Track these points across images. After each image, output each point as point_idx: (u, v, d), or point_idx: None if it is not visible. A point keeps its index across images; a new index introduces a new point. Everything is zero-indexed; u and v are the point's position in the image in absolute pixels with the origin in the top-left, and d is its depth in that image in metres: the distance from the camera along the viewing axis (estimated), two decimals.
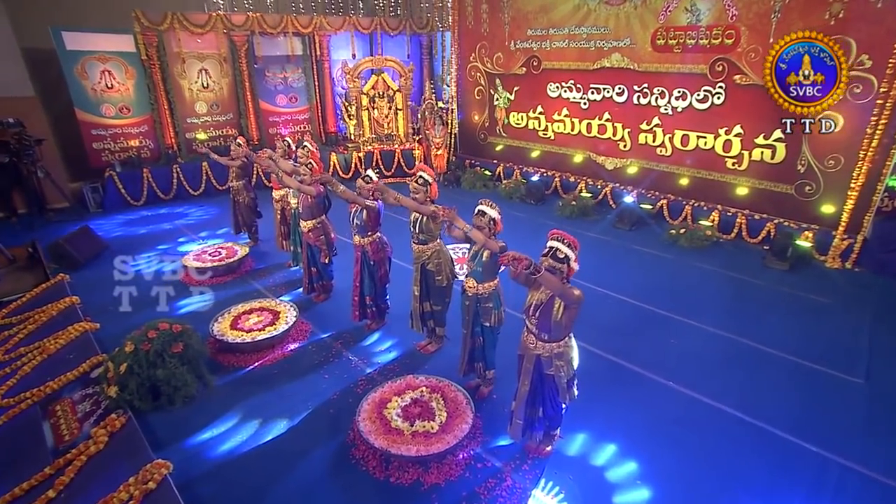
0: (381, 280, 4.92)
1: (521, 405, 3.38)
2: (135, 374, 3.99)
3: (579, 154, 9.38)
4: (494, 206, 3.74)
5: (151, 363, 4.06)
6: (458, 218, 3.63)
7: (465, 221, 3.70)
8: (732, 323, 5.21)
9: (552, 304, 3.07)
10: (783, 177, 7.10)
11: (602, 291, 5.79)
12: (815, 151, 6.75)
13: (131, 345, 4.11)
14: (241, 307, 5.25)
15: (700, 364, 4.60)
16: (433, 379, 4.06)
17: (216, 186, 9.77)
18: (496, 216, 3.72)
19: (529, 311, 3.19)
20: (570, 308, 3.04)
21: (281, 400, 4.17)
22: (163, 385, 4.06)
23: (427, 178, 4.25)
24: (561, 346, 3.18)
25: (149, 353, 4.07)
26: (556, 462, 3.53)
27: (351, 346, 4.92)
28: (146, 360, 4.04)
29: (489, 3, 9.90)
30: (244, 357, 4.69)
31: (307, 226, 5.38)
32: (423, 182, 4.25)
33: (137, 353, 4.06)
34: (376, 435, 3.49)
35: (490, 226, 3.68)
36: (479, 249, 3.80)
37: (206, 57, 9.68)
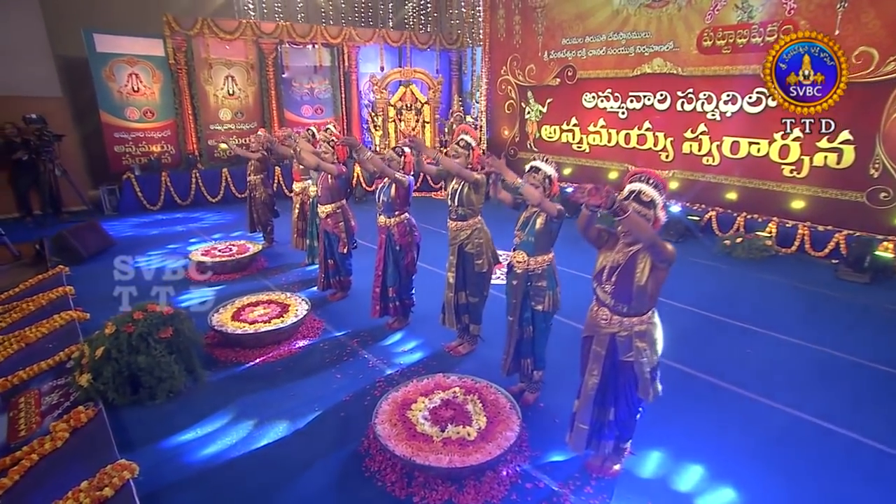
0: (407, 269, 4.22)
1: (587, 404, 2.57)
2: (112, 359, 3.31)
3: (616, 168, 8.72)
4: (550, 161, 3.08)
5: (133, 348, 3.38)
6: (507, 170, 2.94)
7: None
8: (814, 333, 4.34)
9: (634, 265, 2.34)
10: (852, 183, 6.29)
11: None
12: (891, 153, 5.96)
13: (112, 326, 3.46)
14: (245, 299, 4.58)
15: (788, 376, 3.73)
16: (468, 379, 3.28)
17: (235, 194, 9.33)
18: (552, 173, 3.05)
19: (602, 275, 2.44)
20: (660, 268, 2.30)
21: (283, 400, 3.42)
22: (144, 375, 3.36)
23: (469, 142, 3.63)
24: (644, 323, 2.42)
25: (131, 336, 3.40)
26: (628, 485, 2.69)
27: (369, 345, 4.18)
28: (127, 345, 3.37)
29: (522, 15, 9.56)
30: (244, 353, 3.99)
31: (326, 210, 4.76)
32: (465, 145, 3.63)
33: (118, 335, 3.40)
34: (397, 440, 2.71)
35: (545, 185, 3.00)
36: (530, 215, 3.11)
37: (233, 64, 9.46)
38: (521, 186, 2.93)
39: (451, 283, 3.84)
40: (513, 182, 2.95)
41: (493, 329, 4.01)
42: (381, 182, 4.18)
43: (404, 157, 4.05)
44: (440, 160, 3.57)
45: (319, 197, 4.82)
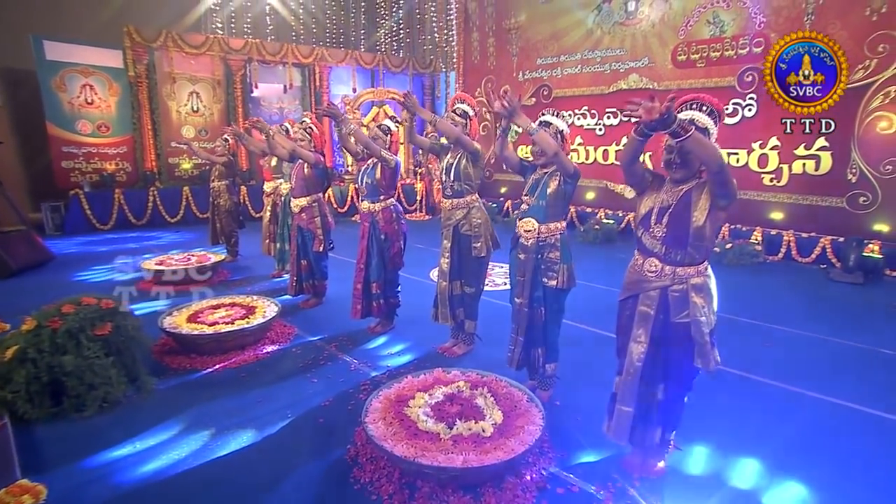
0: (392, 261, 3.73)
1: (632, 380, 2.10)
2: (28, 361, 2.63)
3: (594, 185, 8.59)
4: (562, 116, 2.73)
5: (59, 347, 2.71)
6: (522, 113, 2.56)
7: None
8: (825, 327, 4.06)
9: (689, 204, 1.96)
10: (832, 189, 6.27)
11: None
12: (867, 158, 5.99)
13: (32, 321, 2.79)
14: (205, 302, 3.94)
15: (812, 367, 3.38)
16: (472, 373, 2.75)
17: (196, 213, 8.66)
18: (565, 128, 2.70)
19: (650, 219, 2.05)
20: (720, 206, 1.92)
21: (247, 407, 2.79)
22: (70, 381, 2.68)
23: (467, 110, 3.26)
24: (700, 275, 2.02)
25: (56, 333, 2.73)
26: (679, 484, 2.20)
27: (349, 349, 3.60)
28: (51, 343, 2.70)
29: (496, 37, 9.60)
30: (202, 359, 3.34)
31: (300, 203, 4.25)
32: (463, 114, 3.25)
33: (40, 332, 2.73)
34: (395, 440, 2.14)
35: (557, 141, 2.63)
36: (541, 177, 2.73)
37: (198, 80, 9.01)
38: (535, 132, 2.55)
39: (445, 270, 3.37)
40: (527, 127, 2.57)
41: (488, 328, 3.55)
42: (364, 164, 3.75)
43: (391, 135, 3.66)
44: (437, 123, 3.18)
45: (293, 189, 4.32)
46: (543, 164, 2.74)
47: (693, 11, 7.02)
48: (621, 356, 2.22)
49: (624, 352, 2.19)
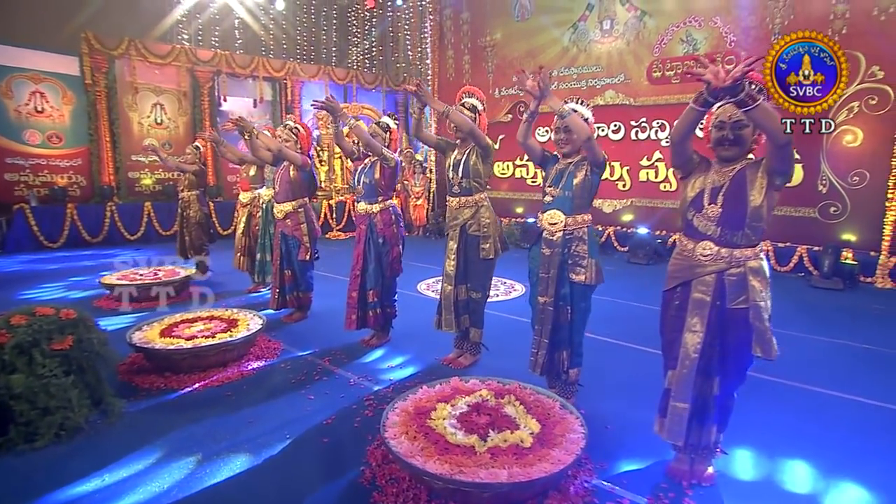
0: (391, 267, 3.45)
1: (688, 373, 1.92)
2: None
3: None
4: (585, 103, 2.60)
5: (6, 365, 2.28)
6: (553, 95, 2.40)
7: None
8: (826, 329, 4.05)
9: (744, 183, 1.84)
10: (804, 200, 6.45)
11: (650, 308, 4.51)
12: (835, 170, 6.21)
13: None
14: (179, 316, 3.52)
15: (828, 368, 3.30)
16: (492, 380, 2.49)
17: (159, 231, 8.09)
18: (589, 115, 2.57)
19: (702, 200, 1.91)
20: (776, 185, 1.83)
21: (237, 428, 2.42)
22: (18, 404, 2.25)
23: (476, 105, 3.09)
24: (757, 257, 1.89)
25: (3, 348, 2.31)
26: (734, 491, 2.00)
27: (345, 363, 3.27)
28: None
29: (471, 54, 9.62)
30: (178, 378, 2.93)
31: (284, 209, 3.94)
32: (472, 108, 3.08)
33: None
34: (426, 456, 1.85)
35: None
36: (566, 167, 2.57)
37: (163, 91, 8.55)
38: (568, 115, 2.39)
39: (451, 273, 3.14)
40: (559, 110, 2.41)
41: (493, 337, 3.31)
42: (361, 163, 3.51)
43: (390, 132, 3.45)
44: (451, 113, 2.98)
45: (277, 194, 4.00)
46: (567, 154, 2.57)
47: (667, 30, 7.22)
48: (670, 352, 2.04)
49: (672, 347, 2.02)
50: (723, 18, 6.75)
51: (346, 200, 9.44)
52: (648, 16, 7.39)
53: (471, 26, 9.58)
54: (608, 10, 7.74)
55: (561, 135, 2.56)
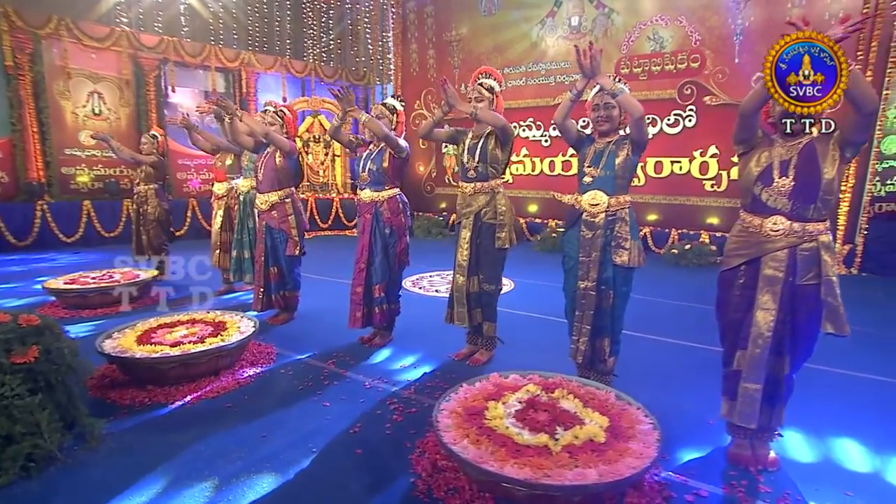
0: (398, 259, 3.20)
1: (760, 353, 1.86)
2: None
3: (541, 196, 8.61)
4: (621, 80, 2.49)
5: None
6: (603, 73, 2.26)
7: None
8: None
9: (813, 157, 1.82)
10: None
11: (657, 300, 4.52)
12: None
13: None
14: (155, 321, 3.08)
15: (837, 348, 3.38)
16: (534, 374, 2.31)
17: (101, 232, 7.30)
18: (627, 92, 2.44)
19: (771, 174, 1.89)
20: (849, 156, 1.81)
21: (251, 445, 2.10)
22: None
23: (493, 85, 2.90)
24: (827, 231, 1.85)
25: None
26: (804, 474, 1.94)
27: (352, 365, 2.97)
28: None
29: (436, 49, 9.44)
30: (164, 391, 2.53)
31: (269, 200, 3.58)
32: (489, 89, 2.89)
33: None
34: (500, 461, 1.64)
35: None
36: (604, 146, 2.46)
37: (101, 78, 7.74)
38: (620, 92, 2.25)
39: (463, 264, 2.93)
40: (611, 88, 2.27)
41: (505, 330, 3.13)
42: (366, 148, 3.24)
43: (397, 114, 3.20)
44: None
45: (260, 184, 3.63)
46: (605, 132, 2.48)
47: (634, 28, 7.37)
48: (735, 332, 1.97)
49: (737, 327, 1.95)
50: (688, 18, 6.96)
51: (308, 199, 8.94)
52: (616, 13, 7.51)
53: (435, 20, 9.41)
54: (576, 6, 7.81)
55: (601, 112, 2.45)
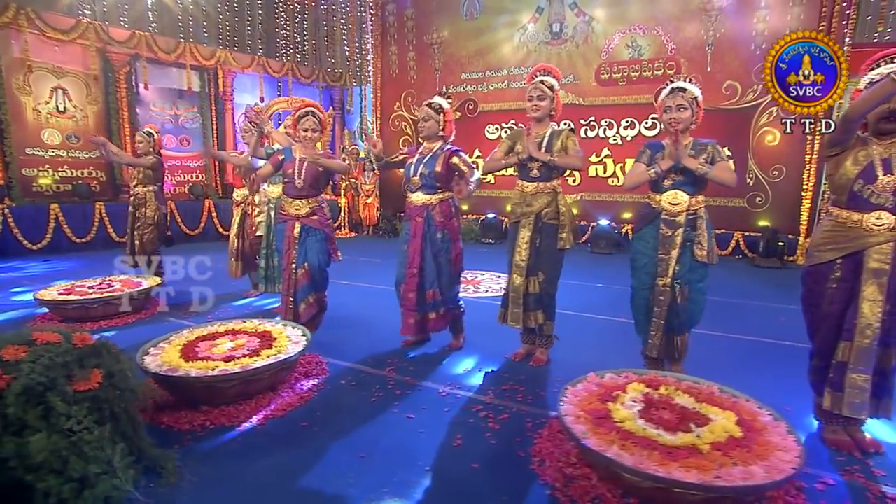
0: (453, 263, 2.96)
1: (870, 344, 1.82)
2: None
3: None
4: (692, 80, 2.42)
5: (10, 423, 1.47)
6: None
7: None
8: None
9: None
10: (735, 191, 7.01)
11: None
12: (760, 164, 6.85)
13: None
14: (189, 332, 2.69)
15: None
16: (628, 372, 2.17)
17: (71, 238, 6.52)
18: (699, 94, 2.41)
19: (874, 171, 1.86)
20: None
21: (357, 469, 1.82)
22: (42, 479, 1.46)
23: (553, 84, 2.75)
24: None
25: (3, 396, 1.48)
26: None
27: (411, 371, 2.72)
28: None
29: (417, 51, 9.18)
30: (223, 412, 2.18)
31: (311, 205, 3.20)
32: (550, 87, 2.76)
33: None
34: (664, 464, 1.50)
35: (693, 107, 2.37)
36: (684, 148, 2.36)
37: (65, 73, 6.92)
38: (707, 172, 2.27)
39: (521, 264, 2.76)
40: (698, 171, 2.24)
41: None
42: (416, 154, 3.02)
43: (444, 113, 2.97)
44: (558, 162, 2.67)
45: (299, 190, 3.20)
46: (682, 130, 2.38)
47: (613, 35, 7.45)
48: (831, 324, 1.94)
49: (836, 319, 1.93)
50: (664, 28, 7.12)
51: None
52: (596, 21, 7.57)
53: (416, 23, 9.14)
54: (558, 13, 7.81)
55: (672, 113, 2.37)
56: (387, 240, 8.57)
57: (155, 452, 1.80)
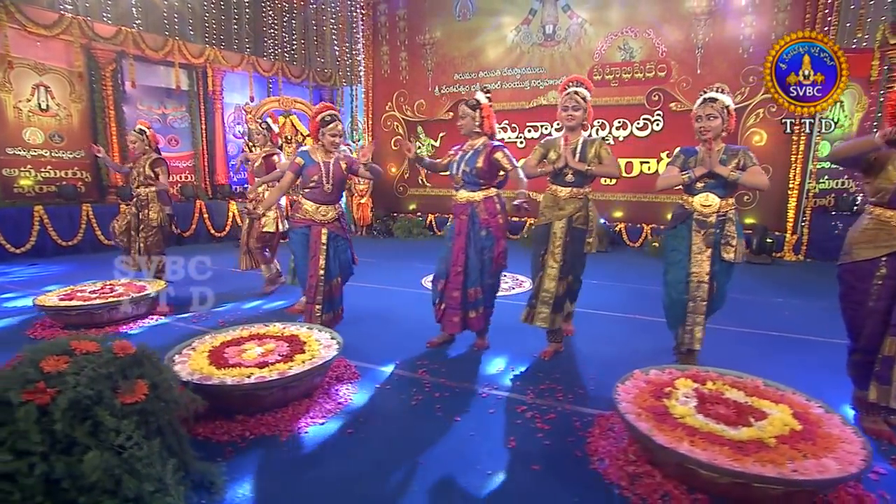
0: (496, 262, 2.88)
1: None
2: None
3: (512, 196, 8.56)
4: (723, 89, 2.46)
5: (58, 440, 1.35)
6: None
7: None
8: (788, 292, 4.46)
9: None
10: None
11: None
12: None
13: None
14: (211, 338, 2.55)
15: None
16: (671, 369, 2.16)
17: (58, 241, 6.20)
18: (731, 103, 2.49)
19: None
20: None
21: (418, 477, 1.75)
22: (95, 500, 1.33)
23: (587, 95, 2.83)
24: None
25: (49, 412, 1.36)
26: None
27: (445, 373, 2.64)
28: (42, 436, 1.32)
29: (409, 51, 9.07)
30: (262, 421, 2.07)
31: (333, 211, 3.07)
32: (584, 98, 2.82)
33: (12, 417, 1.32)
34: (736, 460, 1.48)
35: (724, 116, 2.44)
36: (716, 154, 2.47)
37: (48, 70, 6.57)
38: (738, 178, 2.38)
39: (556, 266, 2.77)
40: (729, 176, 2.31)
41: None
42: (460, 151, 2.96)
43: (480, 109, 2.90)
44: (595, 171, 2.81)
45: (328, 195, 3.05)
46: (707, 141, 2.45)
47: (606, 38, 7.51)
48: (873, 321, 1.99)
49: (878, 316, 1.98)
50: (655, 31, 7.20)
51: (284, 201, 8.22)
52: (588, 24, 7.61)
53: (408, 23, 9.04)
54: (551, 15, 7.82)
55: (703, 122, 2.45)
56: (381, 240, 8.47)
57: (201, 467, 1.69)
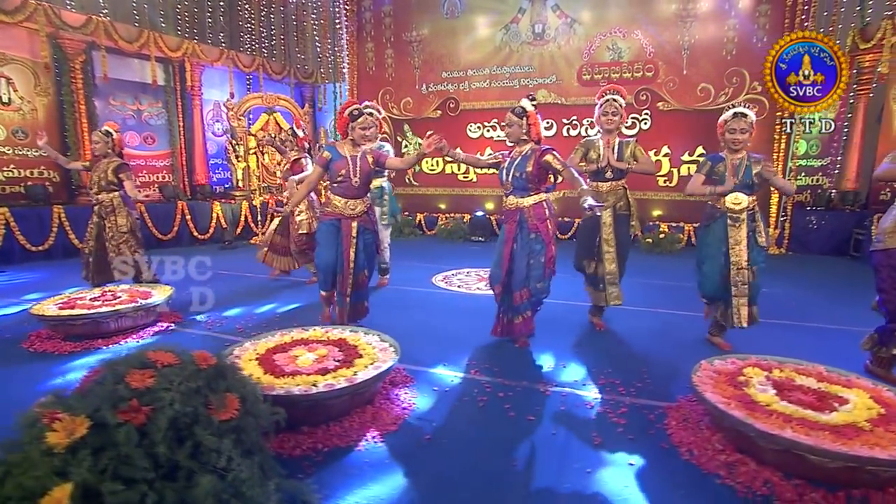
0: (545, 267, 2.81)
1: None
2: None
3: (500, 194, 8.59)
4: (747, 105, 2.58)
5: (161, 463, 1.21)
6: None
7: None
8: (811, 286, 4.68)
9: None
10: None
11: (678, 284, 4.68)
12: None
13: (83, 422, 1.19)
14: (251, 344, 2.39)
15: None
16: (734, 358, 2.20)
17: (26, 246, 5.72)
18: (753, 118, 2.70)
19: None
20: None
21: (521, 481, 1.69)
22: None
23: (623, 102, 3.22)
24: None
25: (147, 432, 1.22)
26: None
27: (494, 371, 2.59)
28: (147, 460, 1.18)
29: (395, 48, 8.93)
30: (328, 432, 1.95)
31: (362, 205, 2.96)
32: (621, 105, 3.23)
33: (111, 441, 1.17)
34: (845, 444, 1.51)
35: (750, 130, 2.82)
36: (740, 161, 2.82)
37: (10, 60, 6.05)
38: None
39: (611, 251, 3.14)
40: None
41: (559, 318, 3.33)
42: (509, 157, 2.91)
43: (527, 117, 2.83)
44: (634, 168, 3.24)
45: (356, 189, 2.93)
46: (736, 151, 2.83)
47: (594, 38, 7.63)
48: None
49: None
50: (643, 32, 7.38)
51: (269, 201, 7.93)
52: (578, 23, 7.72)
53: (394, 20, 8.89)
54: (540, 14, 7.88)
55: (736, 135, 2.80)
56: None
57: (291, 486, 1.56)
